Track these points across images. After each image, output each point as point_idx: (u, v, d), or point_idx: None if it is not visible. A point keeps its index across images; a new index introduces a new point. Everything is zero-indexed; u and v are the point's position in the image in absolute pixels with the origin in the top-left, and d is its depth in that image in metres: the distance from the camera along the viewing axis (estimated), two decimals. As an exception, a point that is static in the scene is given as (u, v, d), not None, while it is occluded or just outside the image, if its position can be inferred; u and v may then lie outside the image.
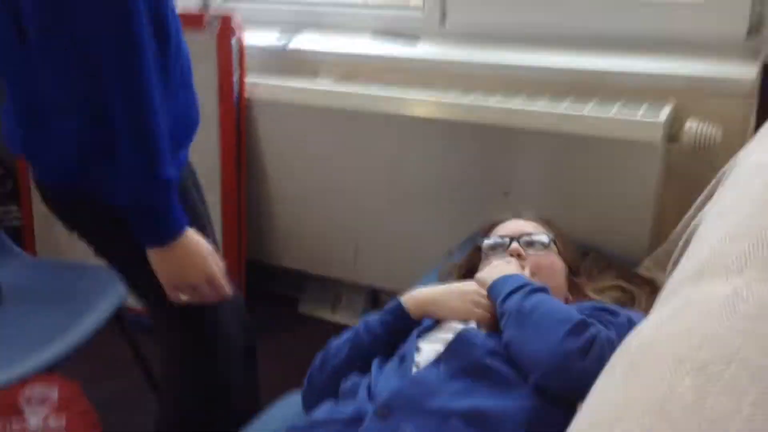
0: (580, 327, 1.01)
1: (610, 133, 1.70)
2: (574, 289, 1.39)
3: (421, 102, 1.94)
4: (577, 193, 1.80)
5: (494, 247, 1.38)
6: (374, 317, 1.24)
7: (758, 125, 1.56)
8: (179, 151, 1.17)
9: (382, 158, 2.05)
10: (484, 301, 1.20)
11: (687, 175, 1.78)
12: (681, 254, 1.32)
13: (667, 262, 1.58)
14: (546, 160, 1.82)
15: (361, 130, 2.04)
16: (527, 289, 1.12)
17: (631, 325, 1.10)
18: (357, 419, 1.00)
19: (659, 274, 1.59)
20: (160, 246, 1.06)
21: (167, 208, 1.03)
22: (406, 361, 1.10)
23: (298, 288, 2.55)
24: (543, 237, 1.37)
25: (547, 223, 1.47)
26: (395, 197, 2.09)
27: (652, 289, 1.50)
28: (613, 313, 1.12)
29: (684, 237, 1.37)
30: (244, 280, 2.33)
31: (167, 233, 1.05)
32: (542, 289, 1.14)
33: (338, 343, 1.25)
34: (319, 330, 2.41)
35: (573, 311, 1.06)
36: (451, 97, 1.91)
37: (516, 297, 1.11)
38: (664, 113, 1.68)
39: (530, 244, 1.36)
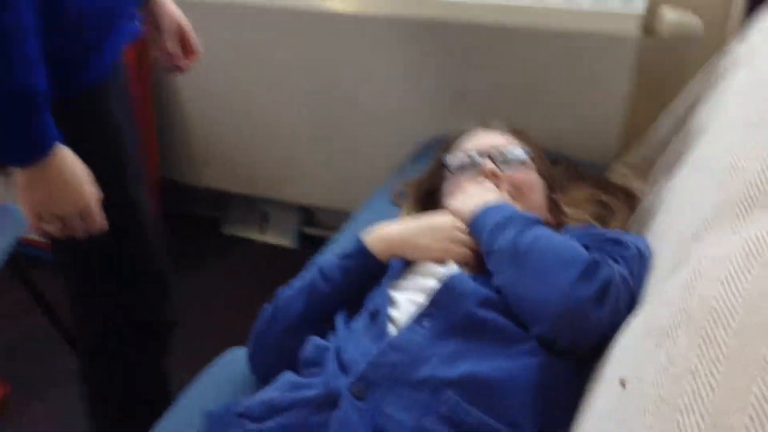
0: (592, 268, 0.83)
1: (579, 27, 1.49)
2: (553, 208, 1.21)
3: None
4: (542, 95, 1.61)
5: (462, 166, 1.17)
6: (331, 260, 1.02)
7: (749, 11, 1.39)
8: (89, 55, 1.02)
9: (314, 61, 1.79)
10: (464, 236, 1.00)
11: (660, 73, 1.60)
12: (675, 160, 1.17)
13: (646, 168, 1.44)
14: (506, 58, 1.60)
15: (286, 28, 1.75)
16: (519, 221, 0.93)
17: (642, 258, 0.93)
18: (328, 400, 0.80)
19: (635, 180, 1.44)
20: (21, 166, 0.93)
21: (29, 123, 0.89)
22: (379, 317, 0.89)
23: (220, 208, 2.30)
24: (519, 151, 1.17)
25: (519, 133, 1.26)
26: (331, 104, 1.83)
27: (629, 199, 1.35)
28: (619, 243, 0.93)
29: (675, 141, 1.21)
30: (158, 201, 2.05)
31: (29, 152, 0.92)
32: (536, 221, 0.94)
33: (290, 293, 1.03)
34: (247, 251, 2.20)
35: (579, 248, 0.88)
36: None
37: (507, 232, 0.92)
38: (640, 3, 1.48)
39: (505, 160, 1.15)
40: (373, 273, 0.99)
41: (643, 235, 1.12)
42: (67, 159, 0.95)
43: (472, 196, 1.05)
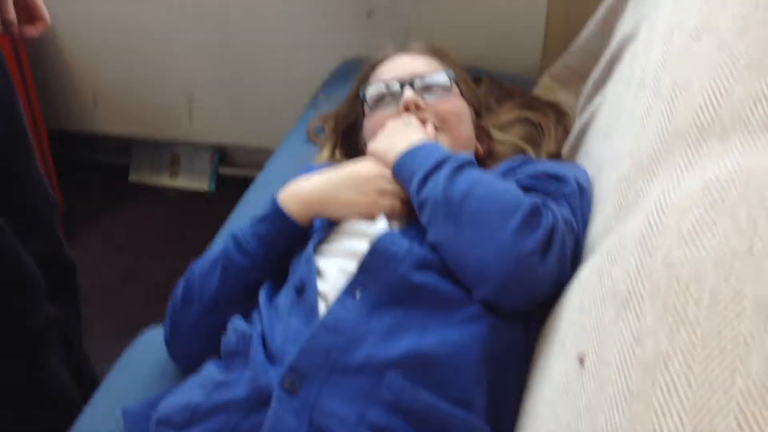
0: (532, 215, 0.75)
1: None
2: (482, 135, 1.12)
3: None
4: (456, 6, 1.48)
5: (381, 97, 1.05)
6: (245, 228, 0.90)
7: None
8: None
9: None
10: (391, 185, 0.89)
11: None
12: (607, 73, 1.08)
13: (571, 78, 1.36)
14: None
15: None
16: (449, 166, 0.82)
17: (583, 192, 0.85)
18: (258, 401, 0.71)
19: (561, 92, 1.36)
20: None
21: None
22: (306, 292, 0.79)
23: (125, 154, 2.11)
24: (442, 77, 1.05)
25: (439, 54, 1.14)
26: (232, 33, 1.66)
27: (559, 115, 1.27)
28: (557, 178, 0.85)
29: (603, 49, 1.12)
30: (48, 153, 1.86)
31: None
32: (468, 163, 0.84)
33: (203, 267, 0.91)
34: (159, 198, 2.06)
35: (516, 193, 0.78)
36: None
37: (437, 179, 0.81)
38: None
39: (427, 88, 1.04)
40: (294, 237, 0.89)
41: (579, 160, 1.05)
42: None
43: (394, 137, 0.94)
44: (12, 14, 0.97)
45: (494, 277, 0.74)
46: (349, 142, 1.19)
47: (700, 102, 0.67)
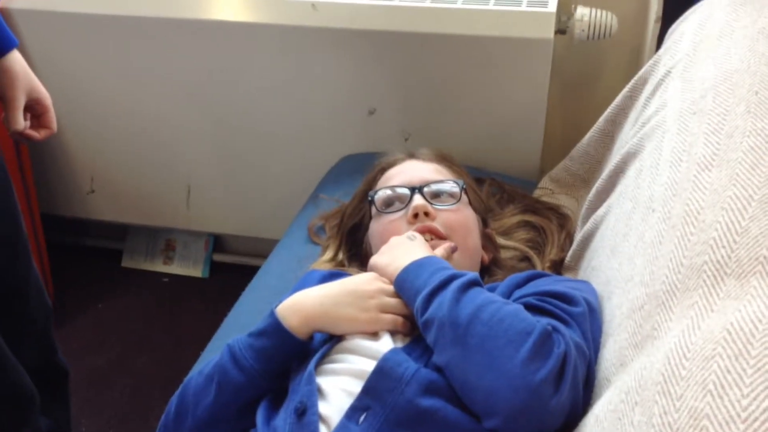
0: (543, 341, 0.73)
1: (489, 31, 1.39)
2: (488, 243, 1.11)
3: (237, 3, 1.51)
4: (457, 107, 1.51)
5: (390, 202, 1.05)
6: (242, 341, 0.88)
7: (666, 12, 1.32)
8: None
9: (211, 77, 1.62)
10: (393, 300, 0.89)
11: (575, 75, 1.53)
12: (611, 185, 1.09)
13: (572, 183, 1.37)
14: (417, 69, 1.49)
15: (176, 41, 1.58)
16: (455, 285, 0.81)
17: (593, 313, 0.84)
18: None
19: (562, 196, 1.37)
20: None
21: None
22: (307, 416, 0.76)
23: (118, 239, 2.10)
24: (452, 185, 1.06)
25: (446, 160, 1.15)
26: (232, 123, 1.67)
27: (560, 219, 1.28)
28: (566, 298, 0.84)
29: (606, 160, 1.13)
30: (41, 237, 1.84)
31: None
32: (474, 282, 0.83)
33: (198, 382, 0.88)
34: (153, 284, 2.03)
35: (525, 316, 0.77)
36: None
37: (442, 299, 0.80)
38: (552, 1, 1.39)
39: (436, 195, 1.05)
40: (293, 352, 0.86)
41: (585, 274, 1.04)
42: None
43: (396, 251, 0.93)
44: (20, 125, 0.98)
45: (504, 408, 0.71)
46: (353, 244, 1.18)
47: (714, 236, 0.67)
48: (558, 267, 1.18)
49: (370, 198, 1.09)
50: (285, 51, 1.51)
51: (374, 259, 0.94)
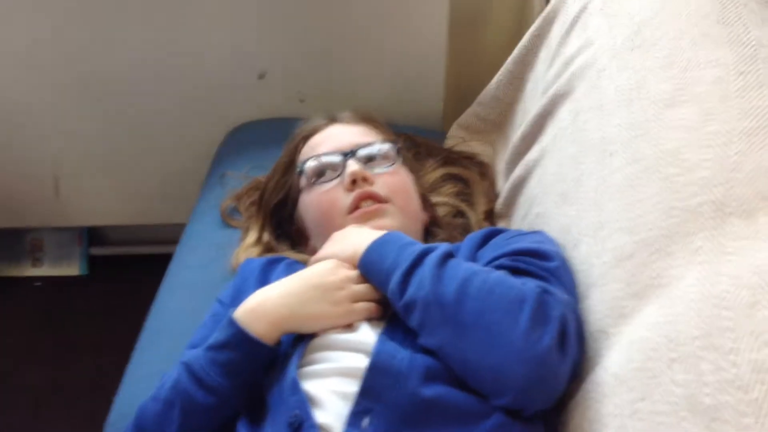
0: (538, 306, 0.70)
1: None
2: (424, 203, 1.06)
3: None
4: (352, 60, 1.43)
5: (321, 171, 0.97)
6: (201, 357, 0.77)
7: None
8: None
9: (62, 45, 1.42)
10: (362, 287, 0.81)
11: (468, 18, 1.49)
12: (537, 129, 1.07)
13: (483, 128, 1.35)
14: (304, 23, 1.39)
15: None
16: (430, 261, 0.75)
17: (566, 266, 0.82)
18: None
19: (475, 143, 1.35)
20: None
21: None
22: (304, 429, 0.68)
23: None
24: (387, 147, 0.99)
25: (373, 122, 1.08)
26: (100, 100, 1.49)
27: (480, 167, 1.26)
28: (541, 255, 0.81)
29: (535, 106, 1.11)
30: None
31: None
32: (449, 255, 0.78)
33: (155, 411, 0.77)
34: (22, 290, 1.80)
35: (511, 281, 0.73)
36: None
37: (420, 277, 0.74)
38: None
39: (371, 158, 0.98)
40: (263, 361, 0.78)
41: (529, 222, 1.03)
42: None
43: (348, 236, 0.87)
44: None
45: (514, 383, 0.68)
46: (278, 222, 1.09)
47: (704, 176, 0.66)
48: (491, 217, 1.17)
49: (299, 169, 1.00)
50: (155, 11, 1.35)
51: (326, 251, 0.87)
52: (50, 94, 1.48)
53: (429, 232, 1.05)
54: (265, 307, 0.78)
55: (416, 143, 1.29)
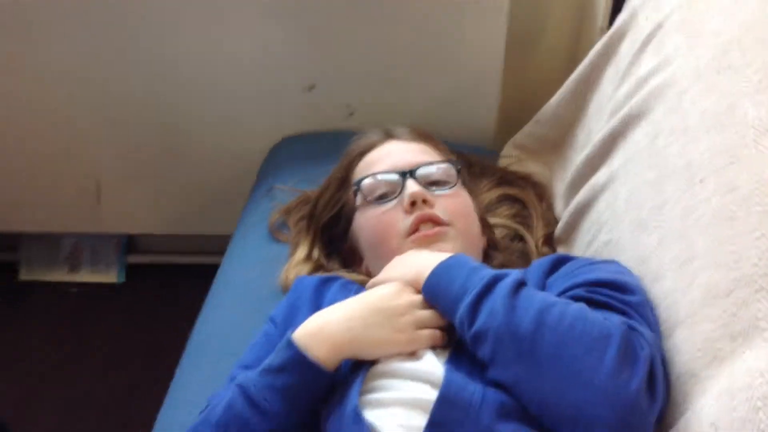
0: (625, 345, 0.65)
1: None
2: (483, 227, 1.01)
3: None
4: (403, 74, 1.40)
5: (378, 190, 0.93)
6: (257, 381, 0.73)
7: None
8: None
9: (111, 56, 1.40)
10: (425, 312, 0.76)
11: (524, 36, 1.45)
12: (607, 150, 1.02)
13: (539, 148, 1.30)
14: (355, 35, 1.35)
15: (58, 18, 1.35)
16: (503, 288, 0.71)
17: (650, 303, 0.77)
18: None
19: (530, 162, 1.30)
20: None
21: None
22: None
23: (9, 250, 1.82)
24: (447, 167, 0.95)
25: (430, 139, 1.03)
26: (146, 109, 1.47)
27: (536, 190, 1.21)
28: (621, 288, 0.75)
29: (602, 127, 1.06)
30: None
31: None
32: (521, 282, 0.73)
33: None
34: (57, 297, 1.77)
35: (593, 315, 0.68)
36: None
37: (492, 306, 0.69)
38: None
39: (430, 179, 0.93)
40: (322, 386, 0.73)
41: (597, 249, 0.97)
42: None
43: (410, 259, 0.83)
44: None
45: (600, 427, 0.63)
46: (329, 238, 1.05)
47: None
48: (550, 241, 1.12)
49: (355, 187, 0.96)
50: (207, 23, 1.32)
51: (387, 274, 0.82)
52: (96, 105, 1.47)
53: (486, 255, 1.01)
54: (325, 331, 0.74)
55: (470, 162, 1.25)
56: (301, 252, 1.06)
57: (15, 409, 1.50)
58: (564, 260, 0.86)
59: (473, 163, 1.25)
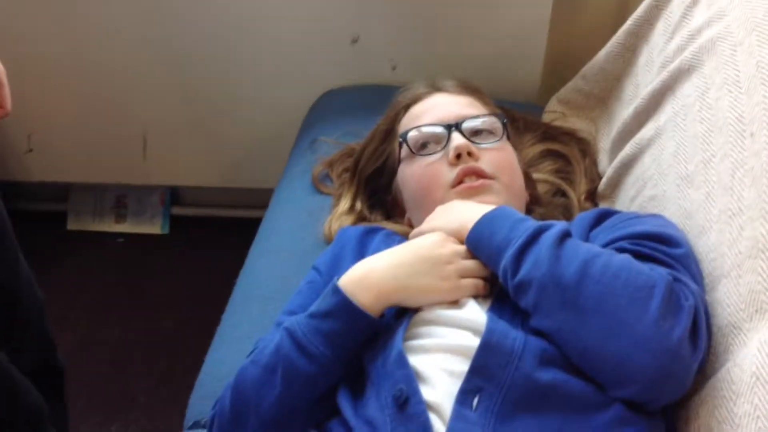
0: (669, 295, 0.65)
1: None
2: (527, 182, 1.01)
3: None
4: (446, 28, 1.39)
5: (424, 142, 0.93)
6: (305, 325, 0.75)
7: None
8: None
9: (157, 9, 1.41)
10: (471, 262, 0.77)
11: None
12: (655, 104, 1.01)
13: (583, 103, 1.28)
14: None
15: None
16: (548, 239, 0.71)
17: (693, 255, 0.76)
18: None
19: (574, 118, 1.29)
20: None
21: None
22: (410, 405, 0.65)
23: (59, 200, 1.88)
24: (493, 120, 0.95)
25: (478, 92, 1.03)
26: (191, 62, 1.49)
27: (581, 144, 1.20)
28: (666, 240, 0.75)
29: (651, 81, 1.04)
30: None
31: None
32: (566, 233, 0.73)
33: (255, 375, 0.75)
34: (104, 246, 1.83)
35: (638, 266, 0.68)
36: None
37: (537, 256, 0.70)
38: None
39: (477, 132, 0.93)
40: (367, 332, 0.75)
41: (641, 203, 0.97)
42: None
43: (453, 210, 0.83)
44: None
45: (643, 375, 0.64)
46: (373, 190, 1.06)
47: None
48: (593, 197, 1.11)
49: (400, 139, 0.97)
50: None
51: (431, 224, 0.83)
52: (144, 60, 1.49)
53: (528, 210, 1.01)
54: (371, 278, 0.76)
55: (514, 117, 1.24)
56: (345, 203, 1.07)
57: (68, 355, 1.56)
58: (608, 214, 0.86)
59: (517, 118, 1.24)
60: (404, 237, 0.92)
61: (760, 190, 0.70)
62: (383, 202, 1.05)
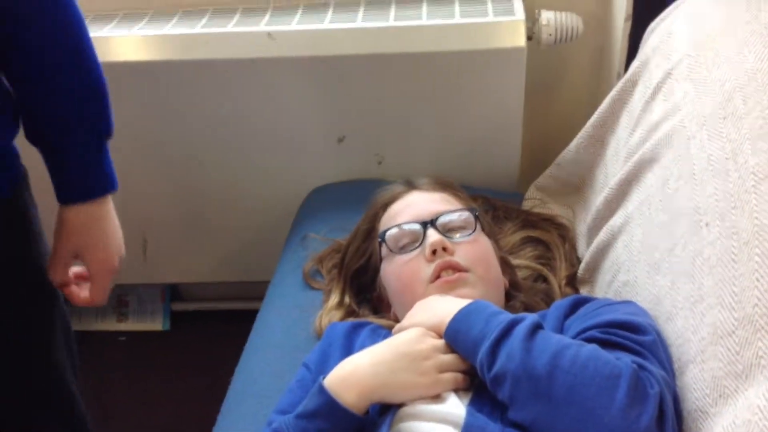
0: (635, 383, 0.69)
1: (459, 45, 1.35)
2: (504, 267, 1.06)
3: (181, 40, 1.39)
4: (429, 125, 1.46)
5: (402, 240, 0.98)
6: (292, 425, 0.78)
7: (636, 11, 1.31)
8: None
9: (157, 115, 1.49)
10: (450, 357, 0.82)
11: (544, 80, 1.51)
12: (623, 193, 1.06)
13: (560, 190, 1.34)
14: (382, 90, 1.42)
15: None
16: (520, 332, 0.75)
17: (662, 342, 0.80)
18: None
19: (552, 204, 1.34)
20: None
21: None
22: None
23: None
24: (466, 215, 1.00)
25: (451, 187, 1.09)
26: (188, 164, 1.55)
27: (560, 231, 1.25)
28: (634, 328, 0.79)
29: (618, 171, 1.10)
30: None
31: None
32: (538, 326, 0.77)
33: None
34: (107, 344, 1.86)
35: (605, 355, 0.72)
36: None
37: (510, 349, 0.74)
38: (519, 8, 1.36)
39: (450, 227, 0.99)
40: (351, 430, 0.78)
41: (616, 290, 1.01)
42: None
43: (433, 305, 0.88)
44: (56, 278, 0.92)
45: None
46: (359, 286, 1.11)
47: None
48: (573, 282, 1.15)
49: (380, 239, 1.02)
50: (243, 85, 1.41)
51: (411, 320, 0.87)
52: (146, 164, 1.55)
53: (509, 296, 1.05)
54: (355, 376, 0.79)
55: (494, 206, 1.30)
56: (334, 299, 1.12)
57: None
58: (582, 302, 0.90)
59: (498, 206, 1.30)
60: (390, 331, 0.95)
61: (717, 279, 0.74)
62: (370, 297, 1.10)
